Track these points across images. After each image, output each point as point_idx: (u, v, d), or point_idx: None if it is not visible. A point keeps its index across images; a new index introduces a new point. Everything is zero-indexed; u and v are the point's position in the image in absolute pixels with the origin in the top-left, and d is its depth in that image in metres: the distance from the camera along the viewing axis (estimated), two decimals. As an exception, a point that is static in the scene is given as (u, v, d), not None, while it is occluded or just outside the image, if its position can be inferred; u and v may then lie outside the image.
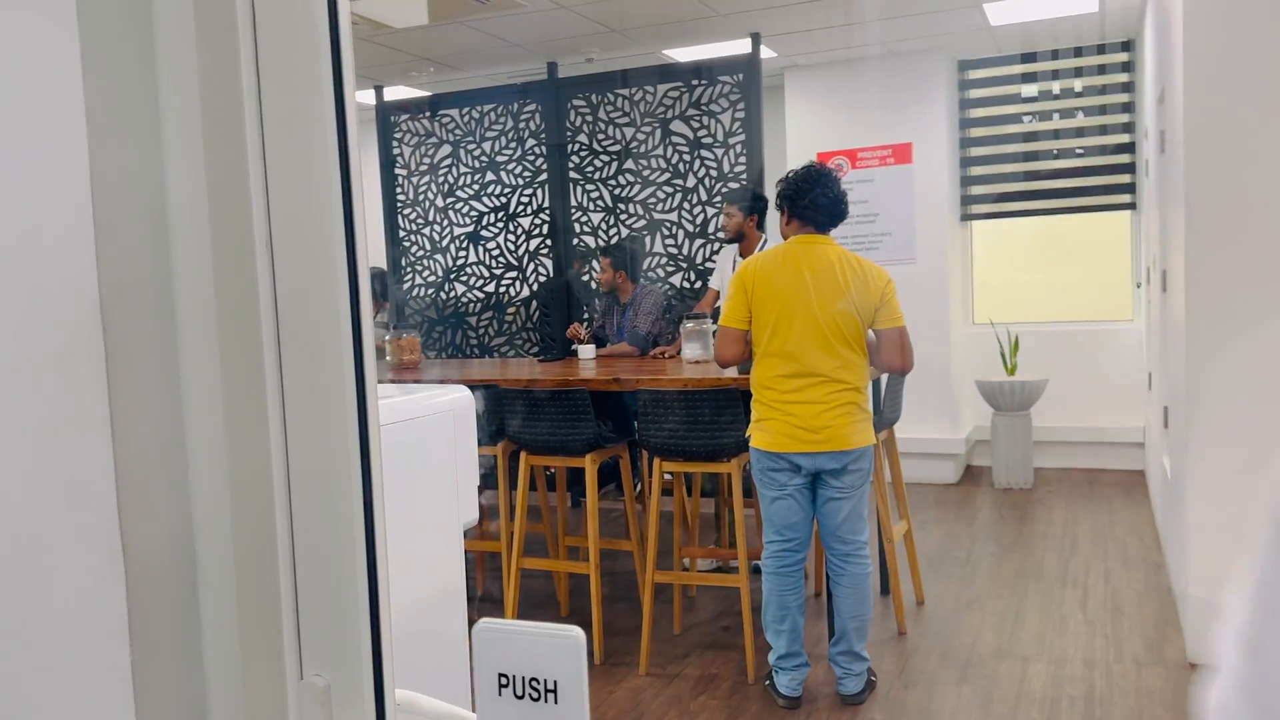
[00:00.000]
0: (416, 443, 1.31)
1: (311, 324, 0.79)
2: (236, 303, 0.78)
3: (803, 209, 3.25)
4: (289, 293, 0.79)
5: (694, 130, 5.62)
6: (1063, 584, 4.35)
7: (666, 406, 3.58)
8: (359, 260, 0.80)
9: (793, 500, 3.24)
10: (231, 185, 0.77)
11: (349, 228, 0.79)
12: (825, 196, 3.24)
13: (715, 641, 3.88)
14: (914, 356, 3.34)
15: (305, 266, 0.79)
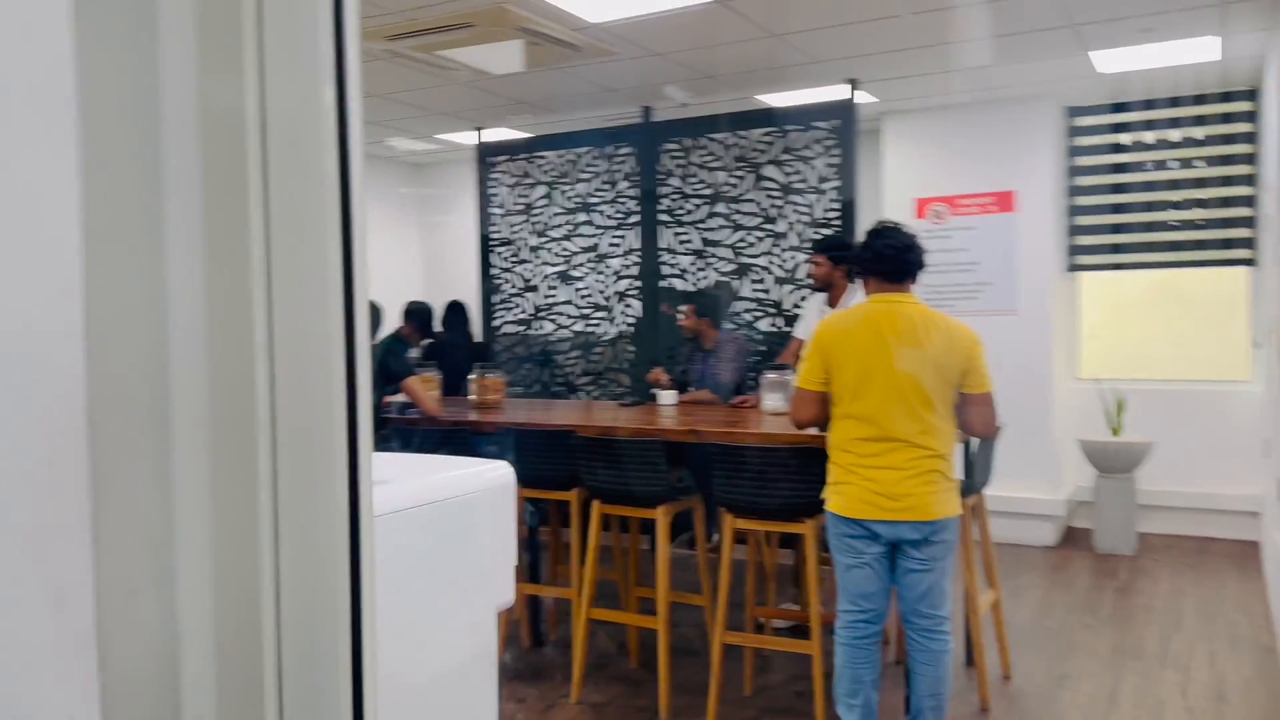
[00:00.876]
0: (451, 523, 1.29)
1: (308, 439, 0.77)
2: (232, 413, 0.76)
3: (869, 262, 3.16)
4: (287, 403, 0.77)
5: (786, 175, 5.56)
6: (1163, 664, 4.08)
7: (741, 461, 3.50)
8: (359, 372, 0.78)
9: (869, 569, 3.11)
10: (232, 294, 0.76)
11: (350, 341, 0.77)
12: (890, 246, 3.13)
13: (788, 707, 3.75)
14: (997, 419, 3.19)
15: (304, 379, 0.77)
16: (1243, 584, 5.20)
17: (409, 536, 1.22)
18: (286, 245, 0.76)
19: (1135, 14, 4.51)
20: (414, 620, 1.24)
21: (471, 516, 1.32)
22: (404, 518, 1.20)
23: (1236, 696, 3.74)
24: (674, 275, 5.92)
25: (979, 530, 3.97)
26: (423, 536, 1.24)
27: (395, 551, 1.18)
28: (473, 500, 1.33)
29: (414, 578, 1.29)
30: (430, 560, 1.27)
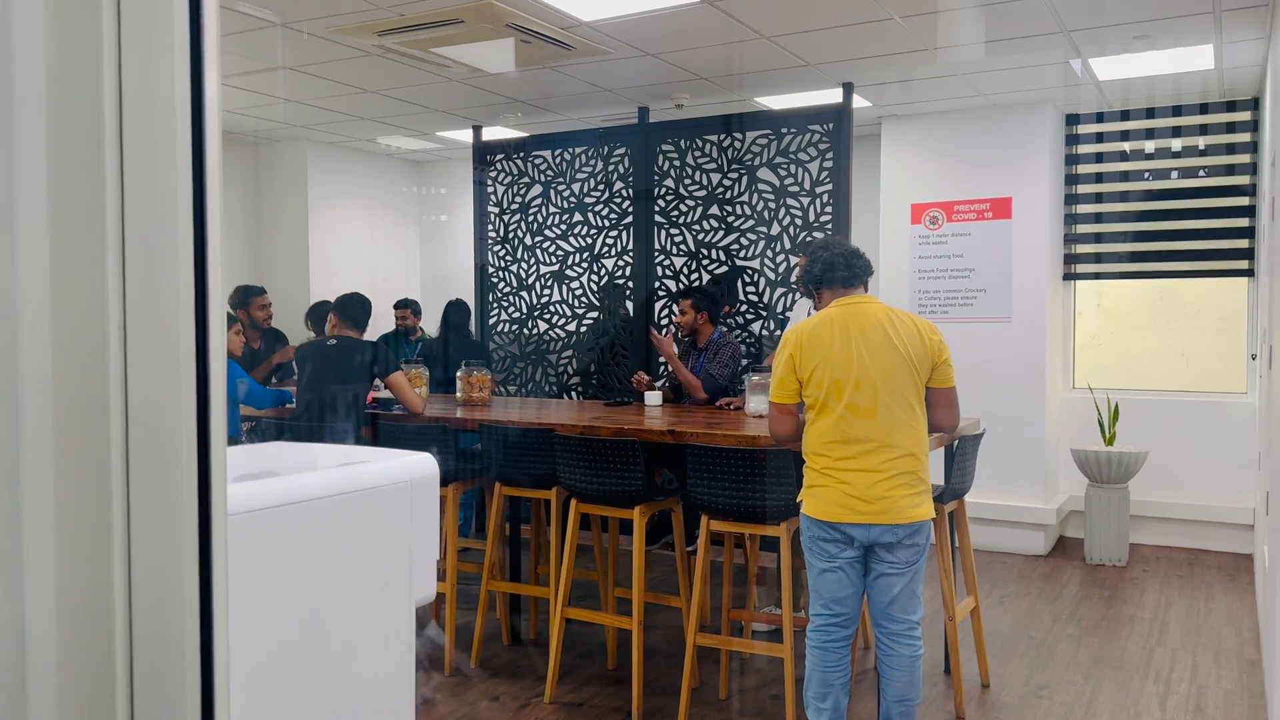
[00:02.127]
0: (365, 515, 1.28)
1: (158, 430, 0.76)
2: (81, 403, 0.76)
3: (822, 274, 3.19)
4: (138, 393, 0.77)
5: (780, 178, 5.55)
6: (1144, 676, 4.05)
7: (718, 463, 3.49)
8: (211, 362, 0.77)
9: (842, 573, 3.09)
10: (83, 282, 0.75)
11: (201, 331, 0.76)
12: (839, 255, 3.18)
13: (761, 710, 3.74)
14: (960, 416, 3.22)
15: (155, 368, 0.76)
16: (1232, 597, 5.16)
17: (317, 527, 1.21)
18: (139, 231, 0.75)
19: (1130, 20, 4.48)
20: (322, 614, 1.23)
21: (387, 508, 1.32)
22: (311, 508, 1.20)
23: (1215, 709, 3.70)
24: (668, 277, 5.92)
25: (959, 538, 3.94)
26: (333, 527, 1.23)
27: (303, 542, 1.17)
28: (389, 491, 1.33)
29: (324, 569, 1.28)
30: (343, 551, 1.26)
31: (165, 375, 0.76)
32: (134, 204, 0.76)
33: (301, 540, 1.17)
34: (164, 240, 0.75)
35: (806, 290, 3.31)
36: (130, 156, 0.75)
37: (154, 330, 0.76)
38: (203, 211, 0.75)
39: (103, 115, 0.75)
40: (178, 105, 0.74)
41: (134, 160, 0.75)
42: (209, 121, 0.75)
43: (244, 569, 1.11)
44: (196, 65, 0.74)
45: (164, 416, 0.76)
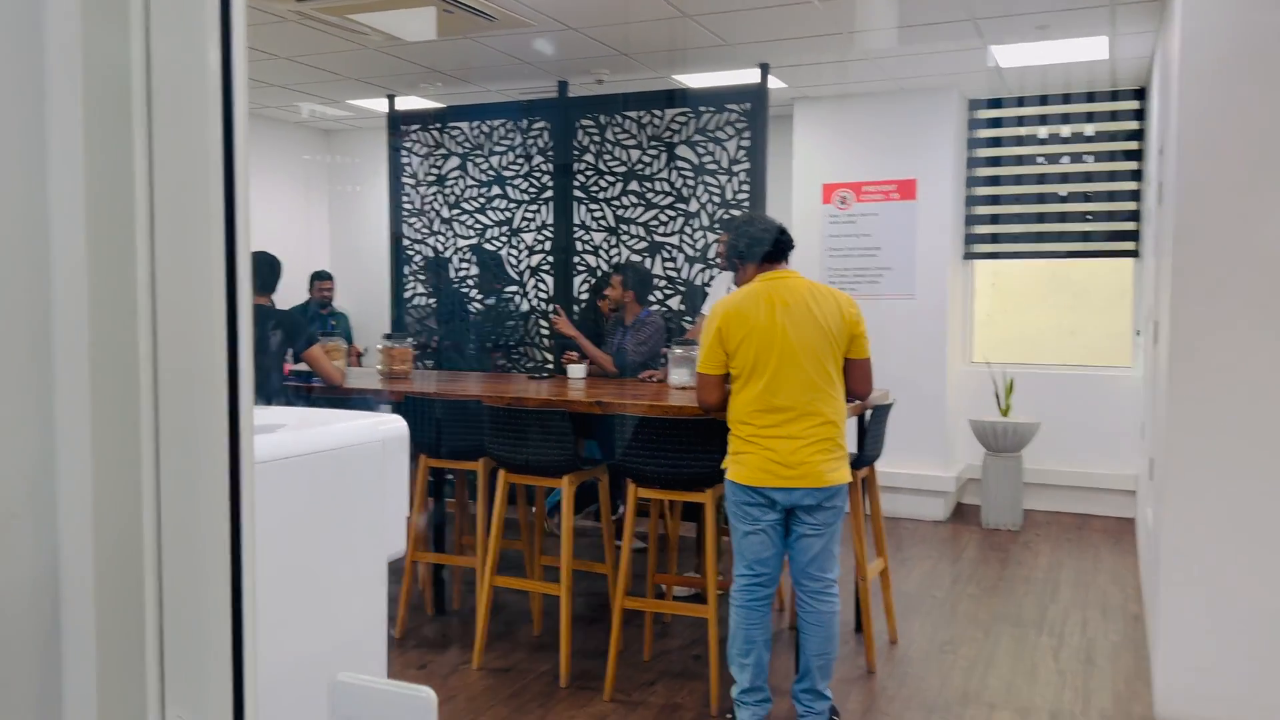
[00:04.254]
0: (340, 474, 1.32)
1: (188, 352, 0.81)
2: (113, 345, 0.80)
3: (747, 249, 3.31)
4: (168, 319, 0.81)
5: (699, 156, 5.65)
6: (1039, 630, 4.32)
7: (645, 432, 3.58)
8: (240, 310, 0.81)
9: (765, 535, 3.23)
10: (115, 234, 0.79)
11: (231, 278, 0.80)
12: (764, 230, 3.32)
13: (684, 670, 3.87)
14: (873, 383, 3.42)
15: (185, 316, 0.80)
16: (1117, 558, 5.52)
17: (297, 483, 1.25)
18: (169, 187, 0.79)
19: (1031, 11, 4.70)
20: (301, 566, 1.28)
21: (362, 466, 1.36)
22: (292, 464, 1.24)
23: (1104, 659, 3.98)
24: (588, 252, 5.97)
25: (869, 502, 4.13)
26: (311, 484, 1.27)
27: (282, 498, 1.22)
28: (363, 450, 1.37)
29: (302, 523, 1.33)
30: (320, 507, 1.31)
31: (198, 318, 0.80)
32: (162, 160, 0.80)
33: (284, 494, 1.21)
34: (195, 189, 0.79)
35: (729, 264, 3.42)
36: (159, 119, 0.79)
37: (185, 280, 0.80)
38: (231, 168, 0.80)
39: (130, 80, 0.78)
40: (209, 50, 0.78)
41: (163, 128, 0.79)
42: (237, 84, 0.79)
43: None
44: (226, 33, 0.78)
45: (197, 359, 0.80)
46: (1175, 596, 3.42)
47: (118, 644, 0.81)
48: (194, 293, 0.80)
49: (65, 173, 0.78)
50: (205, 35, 0.78)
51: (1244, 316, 3.31)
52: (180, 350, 0.81)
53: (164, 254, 0.80)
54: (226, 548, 0.82)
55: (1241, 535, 3.31)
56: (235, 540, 0.83)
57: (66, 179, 0.78)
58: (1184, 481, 3.41)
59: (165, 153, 0.80)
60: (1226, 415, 3.34)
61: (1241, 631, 3.31)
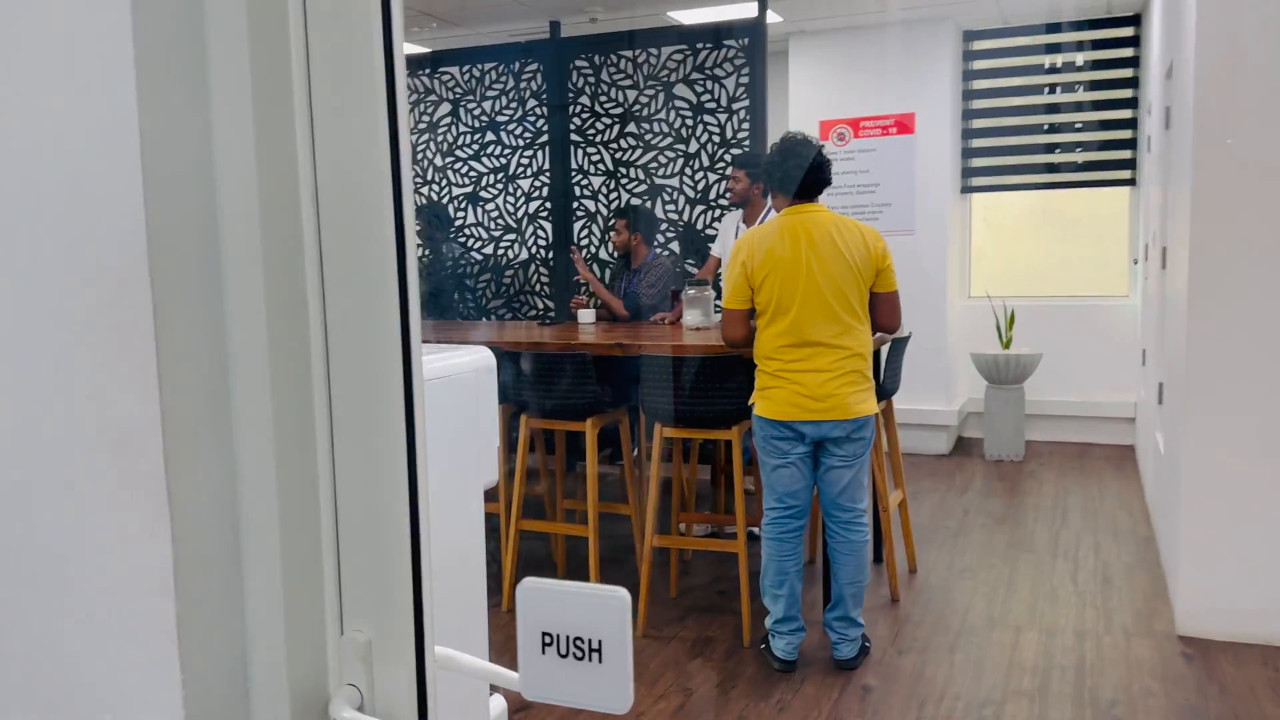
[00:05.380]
0: (439, 404, 1.31)
1: (357, 275, 0.79)
2: (282, 255, 0.77)
3: (780, 182, 3.27)
4: (335, 244, 0.79)
5: (697, 94, 5.58)
6: (1054, 555, 4.39)
7: (669, 372, 3.58)
8: (405, 212, 0.79)
9: (795, 468, 3.25)
10: (277, 135, 0.76)
11: (396, 178, 0.78)
12: (799, 168, 3.24)
13: (712, 605, 3.91)
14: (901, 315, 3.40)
15: (351, 217, 0.78)
16: (1121, 483, 5.60)
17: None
18: (329, 90, 0.76)
19: (1035, -64, 4.64)
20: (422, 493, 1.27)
21: (458, 397, 1.35)
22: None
23: (1120, 579, 4.06)
24: (586, 197, 5.91)
25: (887, 435, 4.16)
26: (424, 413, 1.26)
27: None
28: (459, 381, 1.36)
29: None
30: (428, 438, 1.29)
31: (365, 220, 0.78)
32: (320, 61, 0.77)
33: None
34: (358, 92, 0.76)
35: (768, 186, 3.36)
36: (323, 16, 0.76)
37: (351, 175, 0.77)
38: (392, 65, 0.77)
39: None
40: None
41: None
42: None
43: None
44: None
45: (368, 282, 0.78)
46: (1195, 516, 3.48)
47: (298, 559, 0.80)
48: (360, 185, 0.78)
49: (228, 75, 0.75)
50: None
51: (1264, 238, 3.33)
52: (347, 248, 0.79)
53: (325, 154, 0.78)
54: (403, 459, 0.80)
55: (1261, 454, 3.36)
56: (411, 451, 0.81)
57: (229, 80, 0.75)
58: (1205, 403, 3.45)
59: (322, 47, 0.77)
60: (1246, 337, 3.37)
61: (1262, 548, 3.38)
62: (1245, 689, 3.06)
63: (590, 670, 0.77)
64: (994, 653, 3.40)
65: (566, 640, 0.78)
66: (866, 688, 3.18)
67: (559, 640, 0.78)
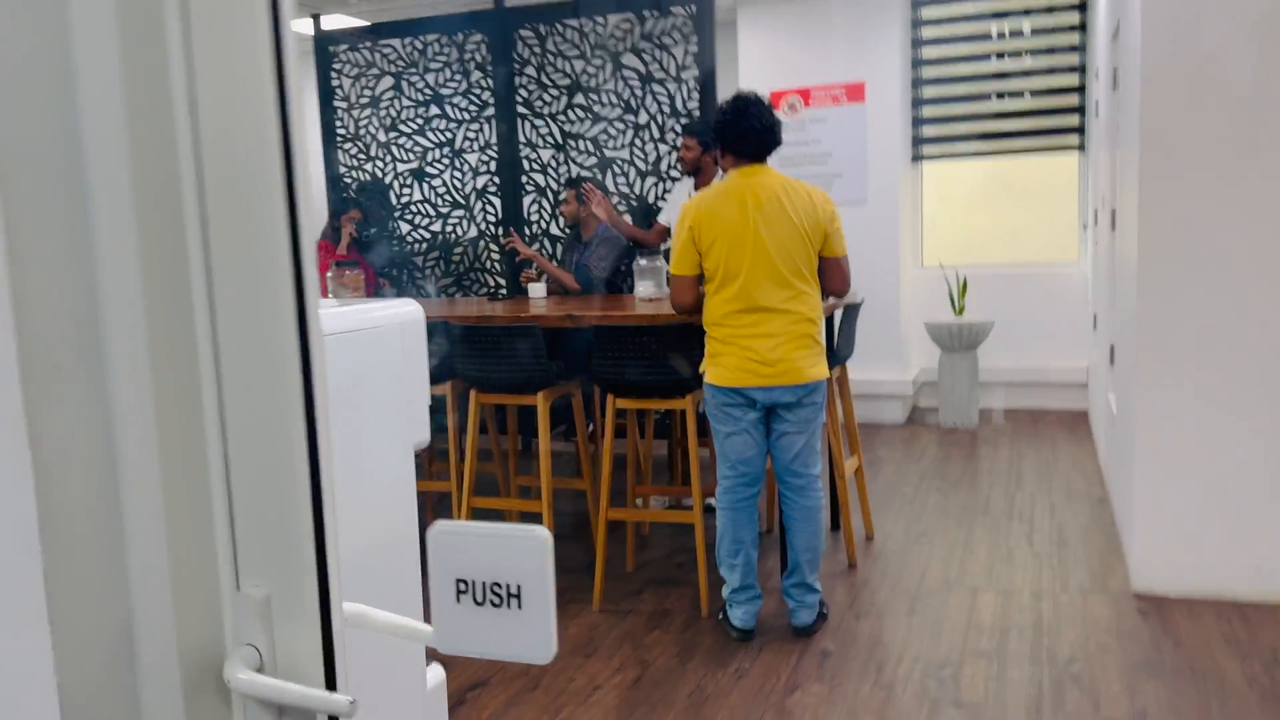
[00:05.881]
0: (361, 356, 1.23)
1: (242, 204, 0.71)
2: (154, 170, 0.70)
3: (732, 142, 3.19)
4: (216, 163, 0.71)
5: (646, 64, 5.49)
6: (1009, 518, 4.41)
7: (621, 343, 3.51)
8: (293, 140, 0.72)
9: (747, 435, 3.21)
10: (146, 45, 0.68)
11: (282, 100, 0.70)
12: (752, 128, 3.17)
13: (669, 578, 3.87)
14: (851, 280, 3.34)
15: (233, 137, 0.71)
16: (1074, 446, 5.65)
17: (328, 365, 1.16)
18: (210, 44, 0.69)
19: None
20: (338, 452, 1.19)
21: (383, 349, 1.28)
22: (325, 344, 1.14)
23: (1076, 540, 4.08)
24: (535, 171, 5.81)
25: (841, 402, 4.14)
26: (340, 366, 1.18)
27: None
28: (382, 333, 1.28)
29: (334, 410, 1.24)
30: (348, 392, 1.22)
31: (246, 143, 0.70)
32: None
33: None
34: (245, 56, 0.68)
35: (719, 146, 3.28)
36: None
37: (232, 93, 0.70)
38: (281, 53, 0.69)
39: None
40: None
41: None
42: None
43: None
44: None
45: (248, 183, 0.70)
46: (1148, 474, 3.49)
47: (184, 508, 0.72)
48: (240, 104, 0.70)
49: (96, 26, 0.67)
50: None
51: (1212, 195, 3.33)
52: (228, 172, 0.71)
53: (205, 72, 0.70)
54: (299, 403, 0.73)
55: (1210, 411, 3.38)
56: (308, 394, 0.74)
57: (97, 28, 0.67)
58: (1155, 362, 3.46)
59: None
60: (1195, 295, 3.38)
61: (1213, 504, 3.40)
62: (1200, 642, 3.08)
63: (509, 618, 0.71)
64: (952, 614, 3.39)
65: (483, 587, 0.71)
66: (825, 653, 3.15)
67: (474, 587, 0.72)
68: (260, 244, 0.71)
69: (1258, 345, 3.31)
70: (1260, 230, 3.28)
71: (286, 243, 0.72)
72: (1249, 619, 3.22)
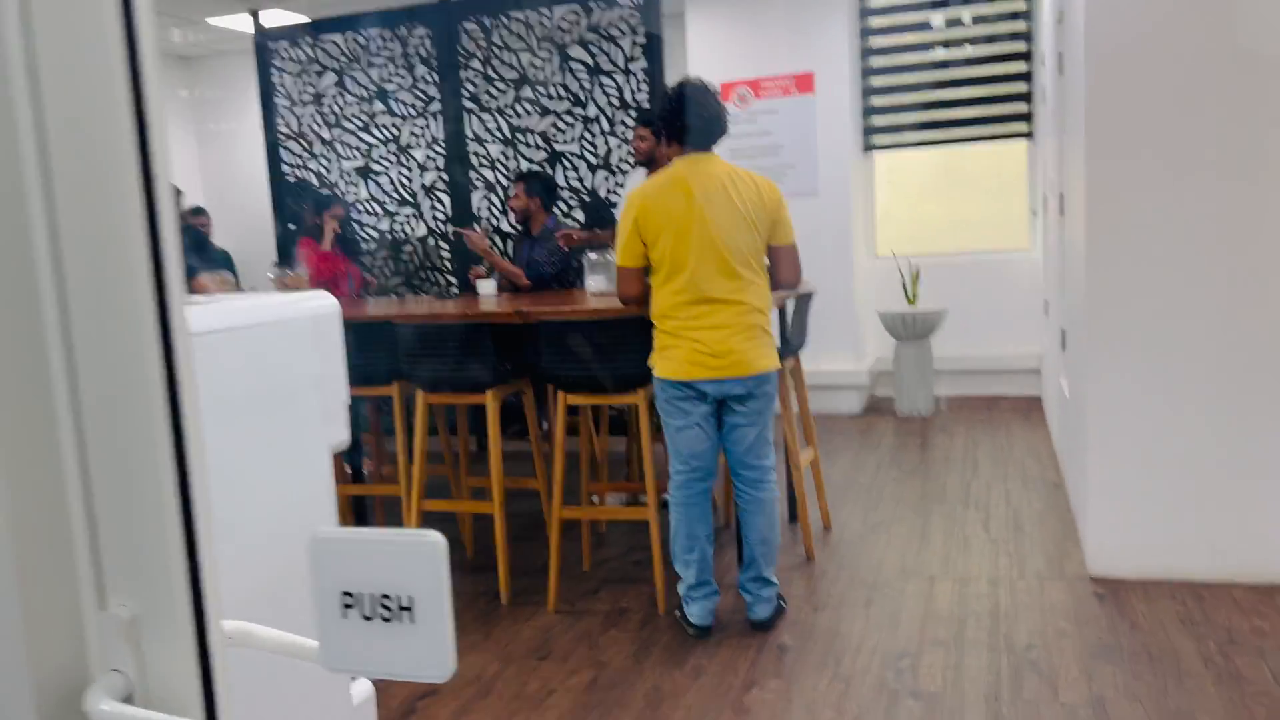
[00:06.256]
0: (267, 353, 1.16)
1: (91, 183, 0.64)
2: None
3: (678, 130, 3.14)
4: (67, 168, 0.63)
5: (593, 56, 5.41)
6: (965, 505, 4.40)
7: (570, 338, 3.44)
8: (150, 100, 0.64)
9: (699, 429, 3.15)
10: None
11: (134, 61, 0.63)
12: (698, 116, 3.11)
13: (625, 576, 3.81)
14: (801, 270, 3.29)
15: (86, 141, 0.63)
16: (1029, 432, 5.67)
17: (223, 361, 1.08)
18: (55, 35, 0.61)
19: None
20: (239, 457, 1.12)
21: (292, 345, 1.20)
22: (218, 339, 1.06)
23: (1032, 526, 4.08)
24: (484, 166, 5.71)
25: (796, 393, 4.10)
26: (245, 363, 1.10)
27: (211, 377, 1.04)
28: (292, 328, 1.20)
29: (237, 411, 1.16)
30: (254, 392, 1.14)
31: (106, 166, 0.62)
32: None
33: (221, 370, 1.04)
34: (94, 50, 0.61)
35: (666, 134, 3.21)
36: None
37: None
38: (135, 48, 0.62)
39: None
40: None
41: None
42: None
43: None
44: None
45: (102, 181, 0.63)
46: (1102, 457, 3.49)
47: (35, 522, 0.64)
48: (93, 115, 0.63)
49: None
50: None
51: (1158, 173, 3.33)
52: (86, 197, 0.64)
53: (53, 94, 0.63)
54: (162, 405, 0.66)
55: (1161, 393, 3.39)
56: (173, 396, 0.67)
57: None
58: (1106, 345, 3.45)
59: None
60: (1144, 279, 3.38)
61: (1166, 486, 3.41)
62: (1156, 624, 3.08)
63: (402, 633, 0.64)
64: (909, 604, 3.37)
65: (371, 600, 0.64)
66: (783, 647, 3.11)
67: (363, 600, 0.65)
68: (114, 239, 0.64)
69: (1206, 326, 3.31)
70: (1206, 212, 3.28)
71: (144, 236, 0.65)
72: (1203, 599, 3.23)
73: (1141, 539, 3.44)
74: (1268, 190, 3.20)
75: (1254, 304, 3.25)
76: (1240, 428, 3.30)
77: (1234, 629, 3.00)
